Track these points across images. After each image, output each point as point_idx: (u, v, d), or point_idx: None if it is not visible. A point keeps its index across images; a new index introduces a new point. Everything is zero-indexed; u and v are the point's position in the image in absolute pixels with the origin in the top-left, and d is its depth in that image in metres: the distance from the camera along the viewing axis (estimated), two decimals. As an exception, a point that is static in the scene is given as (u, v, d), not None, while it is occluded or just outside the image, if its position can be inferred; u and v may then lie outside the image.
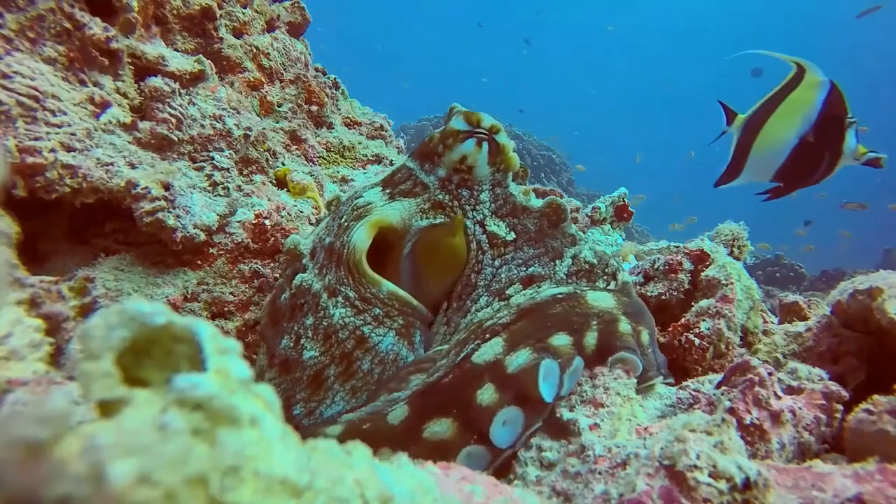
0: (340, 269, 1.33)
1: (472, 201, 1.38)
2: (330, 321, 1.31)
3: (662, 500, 0.79)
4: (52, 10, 1.65)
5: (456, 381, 1.15)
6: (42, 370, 1.15)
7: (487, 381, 1.14)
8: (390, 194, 1.42)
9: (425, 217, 1.38)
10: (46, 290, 1.42)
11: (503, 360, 1.16)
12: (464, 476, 0.79)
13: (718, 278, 1.65)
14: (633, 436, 1.10)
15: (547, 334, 1.20)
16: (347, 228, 1.37)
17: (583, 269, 1.37)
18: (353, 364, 1.29)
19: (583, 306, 1.25)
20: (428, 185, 1.40)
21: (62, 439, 0.40)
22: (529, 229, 1.38)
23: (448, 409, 1.14)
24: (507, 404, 1.13)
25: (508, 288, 1.34)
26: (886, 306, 1.31)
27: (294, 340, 1.35)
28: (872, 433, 1.06)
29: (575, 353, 1.20)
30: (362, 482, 0.51)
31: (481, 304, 1.33)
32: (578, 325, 1.23)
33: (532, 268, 1.36)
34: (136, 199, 1.72)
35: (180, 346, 0.48)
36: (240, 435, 0.43)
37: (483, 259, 1.36)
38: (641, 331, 1.31)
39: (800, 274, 10.20)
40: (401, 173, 1.45)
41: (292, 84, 2.83)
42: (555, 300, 1.26)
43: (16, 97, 1.53)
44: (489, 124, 1.35)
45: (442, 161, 1.38)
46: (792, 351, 1.55)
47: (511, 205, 1.39)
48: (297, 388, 1.33)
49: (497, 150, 1.36)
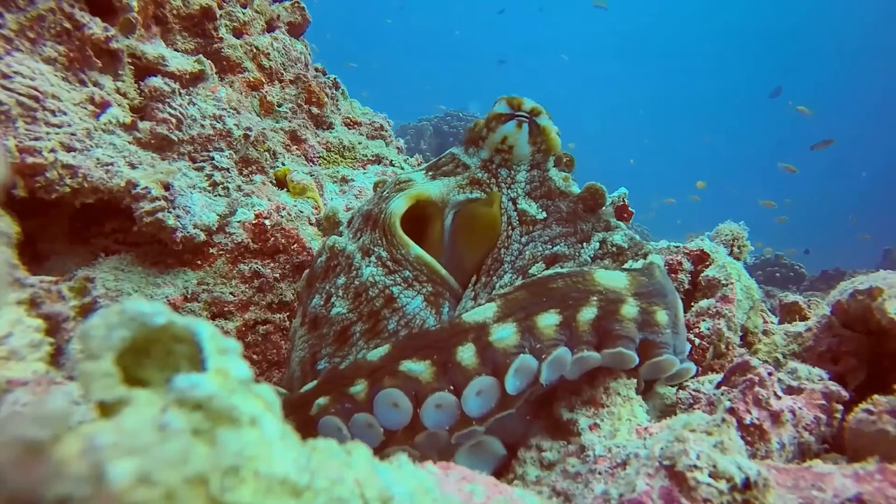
0: (375, 231, 1.39)
1: (508, 180, 1.42)
2: (361, 279, 1.34)
3: (662, 500, 0.79)
4: (52, 10, 1.65)
5: (442, 331, 1.14)
6: (42, 370, 1.15)
7: (470, 341, 1.12)
8: (433, 175, 1.49)
9: (463, 192, 1.42)
10: (46, 290, 1.42)
11: (489, 326, 1.12)
12: (464, 476, 0.79)
13: (718, 278, 1.65)
14: (633, 436, 1.10)
15: (537, 310, 1.14)
16: (387, 198, 1.43)
17: (609, 252, 1.31)
18: (379, 322, 1.32)
19: (587, 282, 1.18)
20: (469, 166, 1.46)
21: (62, 439, 0.40)
22: (562, 210, 1.38)
23: (429, 353, 1.13)
24: (486, 374, 1.10)
25: (532, 266, 1.31)
26: (886, 306, 1.31)
27: (325, 299, 1.39)
28: (872, 433, 1.06)
29: (559, 340, 1.13)
30: (362, 482, 0.51)
31: (505, 280, 1.31)
32: (574, 301, 1.16)
33: (557, 247, 1.33)
34: (136, 199, 1.72)
35: (180, 346, 0.48)
36: (240, 435, 0.43)
37: (512, 235, 1.36)
38: (656, 310, 1.20)
39: (800, 274, 10.20)
40: (445, 157, 1.52)
41: (292, 84, 2.83)
42: (559, 275, 1.19)
43: (16, 97, 1.53)
44: (530, 107, 1.41)
45: (485, 143, 1.44)
46: (792, 351, 1.55)
47: (547, 187, 1.40)
48: (324, 343, 1.36)
49: (537, 131, 1.40)
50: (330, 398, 1.17)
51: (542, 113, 1.41)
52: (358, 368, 1.16)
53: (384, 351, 1.16)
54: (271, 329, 1.95)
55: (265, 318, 1.95)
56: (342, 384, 1.16)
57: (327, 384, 1.19)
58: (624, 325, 1.16)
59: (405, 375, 1.12)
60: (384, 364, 1.14)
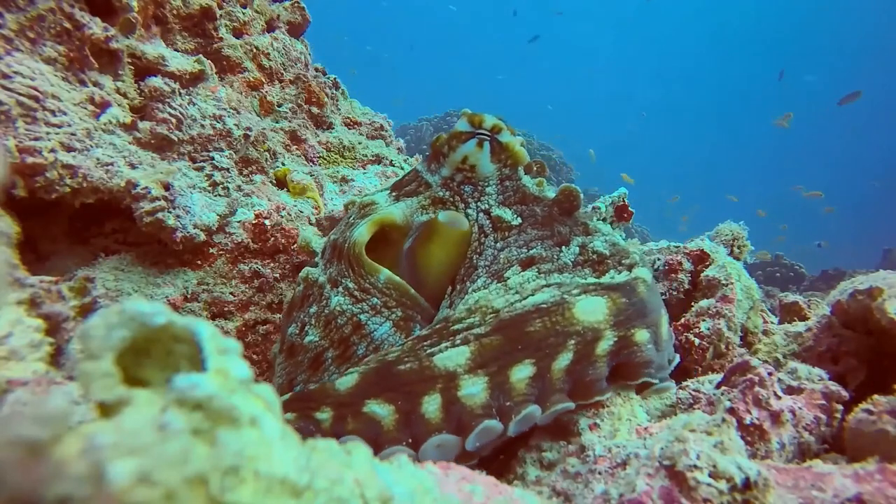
0: (342, 262, 1.40)
1: (476, 194, 1.41)
2: (330, 308, 1.37)
3: (662, 500, 0.79)
4: (52, 10, 1.65)
5: (412, 373, 1.13)
6: (42, 370, 1.15)
7: (437, 391, 1.11)
8: (396, 196, 1.50)
9: (426, 212, 1.42)
10: (46, 290, 1.42)
11: (459, 378, 1.11)
12: (464, 476, 0.79)
13: (718, 278, 1.65)
14: (633, 436, 1.10)
15: (510, 361, 1.12)
16: (352, 226, 1.44)
17: (590, 260, 1.28)
18: (349, 348, 1.33)
19: (566, 321, 1.15)
20: (431, 184, 1.46)
21: (62, 439, 0.40)
22: (537, 214, 1.37)
23: (395, 398, 1.13)
24: (448, 431, 1.10)
25: (507, 270, 1.29)
26: (886, 306, 1.31)
27: (299, 327, 1.42)
28: (872, 433, 1.06)
29: (530, 396, 1.12)
30: (362, 482, 0.51)
31: (478, 284, 1.29)
32: (551, 350, 1.13)
33: (533, 250, 1.31)
34: (136, 199, 1.72)
35: (180, 346, 0.48)
36: (240, 435, 0.43)
37: (485, 241, 1.36)
38: (635, 332, 1.19)
39: (800, 274, 10.20)
40: (409, 175, 1.53)
41: (292, 84, 2.83)
42: (538, 311, 1.16)
43: (16, 97, 1.53)
44: (491, 124, 1.39)
45: (446, 161, 1.43)
46: (792, 351, 1.55)
47: (521, 193, 1.39)
48: (299, 369, 1.39)
49: (500, 148, 1.39)
50: (296, 416, 1.19)
51: (503, 129, 1.39)
52: (325, 394, 1.18)
53: (352, 381, 1.16)
54: (271, 329, 1.95)
55: (265, 318, 1.95)
56: (309, 406, 1.19)
57: (296, 402, 1.22)
58: (597, 368, 1.15)
59: (368, 419, 1.12)
60: (350, 400, 1.15)
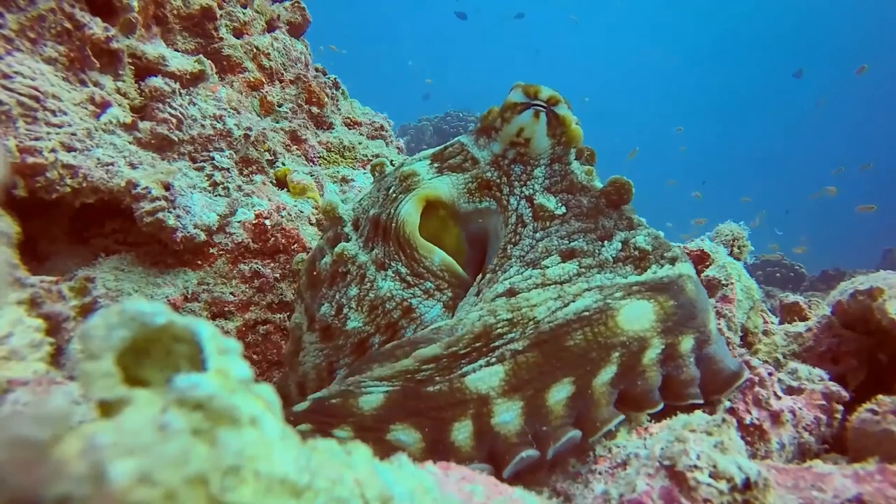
0: (389, 243, 1.32)
1: (523, 177, 1.32)
2: (377, 293, 1.30)
3: (662, 500, 0.79)
4: (53, 10, 1.65)
5: (442, 396, 1.06)
6: (42, 370, 1.15)
7: (469, 418, 1.04)
8: (438, 168, 1.39)
9: (472, 200, 1.35)
10: (46, 290, 1.42)
11: (493, 403, 1.04)
12: (464, 476, 0.79)
13: (718, 278, 1.65)
14: (633, 436, 1.10)
15: (548, 382, 1.05)
16: (395, 200, 1.35)
17: (632, 256, 1.21)
18: (397, 333, 1.29)
19: (609, 332, 1.07)
20: (478, 161, 1.36)
21: (62, 439, 0.40)
22: (583, 205, 1.28)
23: (422, 424, 1.06)
24: (478, 460, 1.04)
25: (546, 259, 1.22)
26: (887, 306, 1.31)
27: (336, 309, 1.35)
28: (876, 433, 1.06)
29: (568, 419, 1.05)
30: (362, 482, 0.51)
31: (510, 273, 1.22)
32: (592, 365, 1.06)
33: (575, 242, 1.24)
34: (137, 199, 1.72)
35: (180, 346, 0.48)
36: (240, 435, 0.43)
37: (522, 232, 1.28)
38: (681, 340, 1.11)
39: (800, 274, 10.20)
40: (452, 147, 1.42)
41: (292, 84, 2.83)
42: (579, 320, 1.09)
43: (16, 97, 1.53)
44: (547, 95, 1.30)
45: (498, 135, 1.34)
46: (792, 351, 1.55)
47: (569, 181, 1.31)
48: (341, 354, 1.34)
49: (556, 122, 1.30)
50: (312, 428, 1.12)
51: (560, 101, 1.31)
52: (347, 411, 1.10)
53: (377, 402, 1.09)
54: (271, 329, 1.95)
55: (265, 318, 1.95)
56: (328, 422, 1.11)
57: (316, 413, 1.14)
58: (647, 378, 1.08)
59: (392, 448, 1.04)
60: (373, 424, 1.08)
